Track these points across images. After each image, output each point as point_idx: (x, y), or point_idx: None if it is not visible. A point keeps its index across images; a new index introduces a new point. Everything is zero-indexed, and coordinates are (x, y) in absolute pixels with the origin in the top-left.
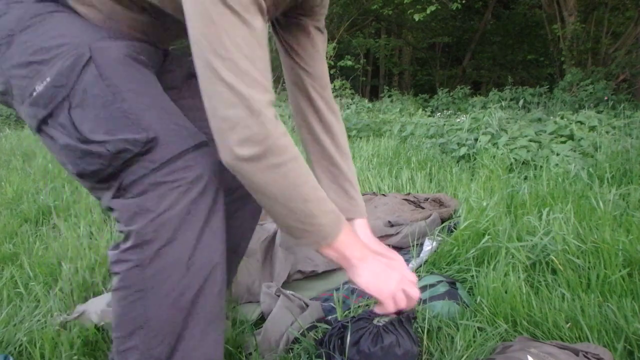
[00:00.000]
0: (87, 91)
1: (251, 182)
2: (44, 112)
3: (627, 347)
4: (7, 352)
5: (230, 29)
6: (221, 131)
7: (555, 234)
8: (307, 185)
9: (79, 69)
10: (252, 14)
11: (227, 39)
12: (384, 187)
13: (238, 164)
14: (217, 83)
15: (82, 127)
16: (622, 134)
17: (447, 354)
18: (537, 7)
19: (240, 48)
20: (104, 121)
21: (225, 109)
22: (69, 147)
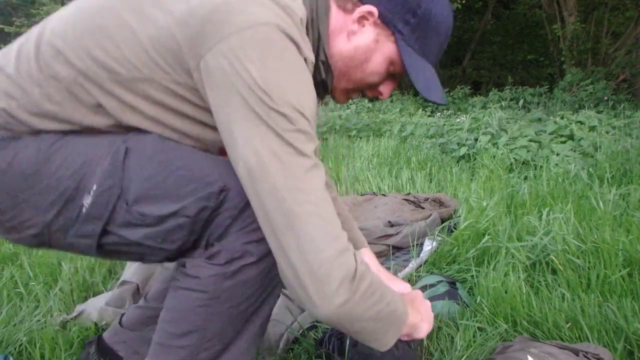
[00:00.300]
0: (139, 177)
1: (352, 320)
2: (101, 222)
3: (627, 347)
4: (7, 352)
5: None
6: (313, 288)
7: (555, 234)
8: (386, 291)
9: (120, 163)
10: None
11: (306, 187)
12: (384, 187)
13: (340, 311)
14: (300, 239)
15: (152, 210)
16: (622, 134)
17: (447, 354)
18: (537, 7)
19: (319, 193)
20: (169, 194)
21: (312, 267)
22: (147, 237)
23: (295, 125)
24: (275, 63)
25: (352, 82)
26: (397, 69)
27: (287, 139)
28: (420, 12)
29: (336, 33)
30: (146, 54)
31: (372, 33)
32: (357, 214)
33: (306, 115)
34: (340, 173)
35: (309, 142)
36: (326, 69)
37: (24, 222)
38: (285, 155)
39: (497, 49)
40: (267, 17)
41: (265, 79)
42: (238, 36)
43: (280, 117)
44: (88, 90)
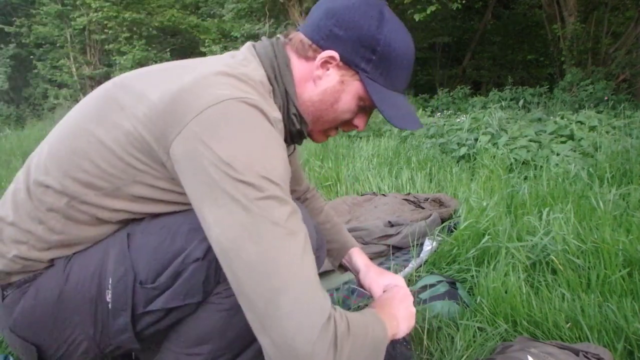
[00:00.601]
0: (145, 252)
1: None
2: (127, 311)
3: (627, 347)
4: (7, 352)
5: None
6: (300, 353)
7: (555, 234)
8: (365, 329)
9: (125, 249)
10: (295, 221)
11: (282, 264)
12: (384, 187)
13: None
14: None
15: (163, 272)
16: (622, 134)
17: (447, 354)
18: (537, 7)
19: (296, 262)
20: (174, 250)
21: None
22: (169, 299)
23: (264, 192)
24: (237, 135)
25: (327, 122)
26: (367, 103)
27: (255, 210)
28: (380, 49)
29: (303, 81)
30: (121, 161)
31: (336, 75)
32: (357, 214)
33: (275, 181)
34: (340, 173)
35: (281, 206)
36: (299, 119)
37: (71, 345)
38: (256, 229)
39: (497, 49)
40: (223, 93)
41: (228, 152)
42: (197, 119)
43: (247, 187)
44: (83, 211)
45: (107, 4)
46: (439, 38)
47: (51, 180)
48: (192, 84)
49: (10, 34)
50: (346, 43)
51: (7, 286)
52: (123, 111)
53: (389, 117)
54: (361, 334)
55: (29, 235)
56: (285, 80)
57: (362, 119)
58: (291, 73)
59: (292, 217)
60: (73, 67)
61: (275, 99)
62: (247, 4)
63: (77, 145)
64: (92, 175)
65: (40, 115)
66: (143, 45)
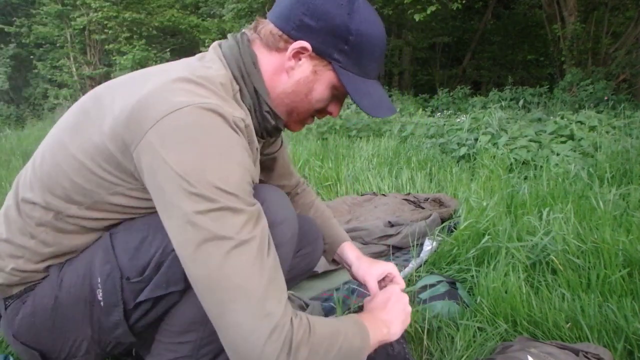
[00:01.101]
0: (128, 249)
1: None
2: (119, 307)
3: (627, 347)
4: (7, 352)
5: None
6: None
7: (555, 234)
8: (334, 338)
9: (110, 248)
10: (252, 227)
11: (234, 275)
12: (384, 187)
13: None
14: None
15: (147, 264)
16: (622, 134)
17: (447, 354)
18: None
19: (244, 273)
20: (155, 244)
21: (247, 341)
22: (154, 289)
23: (217, 204)
24: (192, 144)
25: (302, 113)
26: (341, 91)
27: (203, 226)
28: (352, 38)
29: (276, 73)
30: (95, 176)
31: (309, 65)
32: (357, 214)
33: (229, 190)
34: (340, 173)
35: (235, 216)
36: (273, 116)
37: (72, 347)
38: (204, 245)
39: (497, 49)
40: (179, 100)
41: (182, 164)
42: (153, 129)
43: (200, 199)
44: (70, 222)
45: (107, 4)
46: (439, 38)
47: (36, 197)
48: (150, 94)
49: (10, 34)
50: (318, 33)
51: (8, 298)
52: (93, 125)
53: (363, 107)
54: (326, 343)
55: (24, 250)
56: (254, 79)
57: (335, 106)
58: (259, 71)
59: (247, 225)
60: (73, 67)
61: (243, 99)
62: (247, 4)
63: (56, 161)
64: (70, 191)
65: (40, 115)
66: (143, 45)
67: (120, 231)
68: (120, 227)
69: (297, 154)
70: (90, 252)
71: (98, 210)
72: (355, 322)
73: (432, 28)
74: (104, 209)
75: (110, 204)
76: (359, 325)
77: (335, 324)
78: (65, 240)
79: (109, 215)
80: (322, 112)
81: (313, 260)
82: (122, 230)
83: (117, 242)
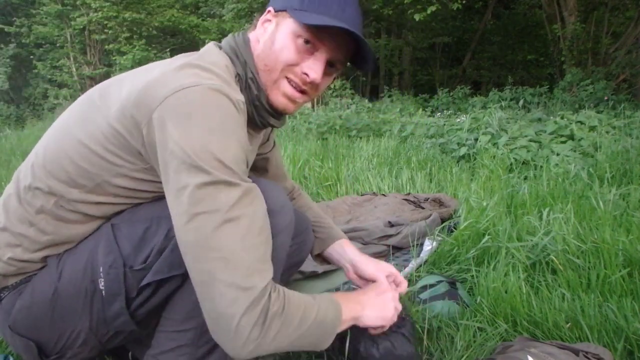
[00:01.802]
0: (132, 238)
1: (269, 351)
2: (121, 295)
3: (627, 347)
4: (7, 352)
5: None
6: (224, 339)
7: (555, 234)
8: (308, 311)
9: (112, 238)
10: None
11: (218, 241)
12: (384, 187)
13: (252, 354)
14: (215, 285)
15: (150, 251)
16: (622, 134)
17: (447, 354)
18: (537, 7)
19: (232, 246)
20: (158, 232)
21: (227, 308)
22: (156, 273)
23: (213, 176)
24: (199, 120)
25: (272, 70)
26: (304, 37)
27: (198, 197)
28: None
29: (254, 46)
30: (100, 159)
31: (273, 25)
32: (357, 214)
33: (227, 164)
34: (340, 173)
35: (229, 190)
36: (256, 84)
37: (69, 339)
38: (198, 216)
39: (497, 49)
40: (187, 81)
41: (187, 138)
42: (163, 105)
43: (198, 171)
44: (70, 209)
45: (107, 4)
46: (439, 38)
47: (38, 182)
48: (159, 77)
49: (10, 34)
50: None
51: (4, 289)
52: (99, 112)
53: (296, 16)
54: (299, 314)
55: (22, 238)
56: (244, 52)
57: (312, 65)
58: (249, 47)
59: (241, 201)
60: (73, 67)
61: (239, 79)
62: (247, 4)
63: (61, 147)
64: (74, 175)
65: (40, 115)
66: (143, 45)
67: (123, 222)
68: (122, 217)
69: (297, 154)
70: (92, 243)
71: (100, 194)
72: (329, 299)
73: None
74: (106, 192)
75: (113, 186)
76: (333, 301)
77: (310, 299)
78: (64, 229)
79: (111, 199)
80: (297, 73)
81: (304, 250)
82: (124, 221)
83: (119, 233)
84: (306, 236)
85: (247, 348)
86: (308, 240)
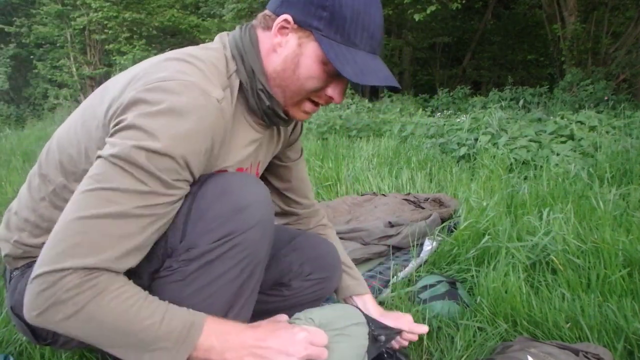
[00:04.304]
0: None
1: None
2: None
3: (627, 347)
4: (8, 352)
5: None
6: (27, 294)
7: (556, 234)
8: (131, 316)
9: None
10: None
11: None
12: (384, 187)
13: (34, 320)
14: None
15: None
16: (622, 134)
17: (447, 354)
18: (537, 7)
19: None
20: None
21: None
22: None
23: (145, 176)
24: (154, 113)
25: (295, 93)
26: (332, 68)
27: (112, 177)
28: (329, 3)
29: (268, 53)
30: (83, 145)
31: (294, 39)
32: (357, 214)
33: (152, 170)
34: (340, 173)
35: (127, 178)
36: (267, 95)
37: None
38: (96, 192)
39: (497, 49)
40: (163, 75)
41: (138, 130)
42: (131, 97)
43: (135, 169)
44: (63, 198)
45: (107, 4)
46: (439, 38)
47: (43, 170)
48: (141, 69)
49: (10, 34)
50: (297, 4)
51: (14, 270)
52: (98, 104)
53: (346, 73)
54: (104, 319)
55: (27, 224)
56: (250, 58)
57: (336, 89)
58: (257, 50)
59: (130, 196)
60: (73, 67)
61: (240, 78)
62: (247, 4)
63: (64, 136)
64: (66, 163)
65: (40, 115)
66: (143, 45)
67: None
68: None
69: None
70: None
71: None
72: (181, 330)
73: (432, 28)
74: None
75: None
76: (185, 334)
77: (153, 315)
78: (57, 217)
79: None
80: (323, 96)
81: (326, 288)
82: None
83: None
84: (333, 273)
85: (31, 314)
86: (334, 277)
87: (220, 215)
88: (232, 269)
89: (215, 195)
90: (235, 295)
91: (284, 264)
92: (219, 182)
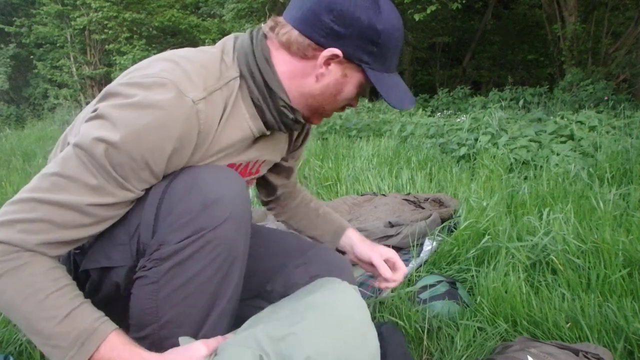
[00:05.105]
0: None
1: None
2: (72, 271)
3: (627, 347)
4: (8, 352)
5: None
6: None
7: (555, 234)
8: (33, 302)
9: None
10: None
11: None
12: (384, 187)
13: None
14: None
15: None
16: (622, 134)
17: (447, 354)
18: (537, 7)
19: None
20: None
21: None
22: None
23: (104, 173)
24: (126, 111)
25: (328, 110)
26: (365, 87)
27: (73, 165)
28: (380, 40)
29: (298, 77)
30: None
31: (339, 70)
32: (357, 214)
33: (131, 157)
34: (340, 173)
35: (84, 169)
36: (291, 110)
37: None
38: (54, 177)
39: (497, 49)
40: (144, 73)
41: (106, 124)
42: (107, 96)
43: (96, 165)
44: None
45: (107, 4)
46: (439, 38)
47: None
48: (133, 68)
49: (11, 34)
50: (348, 40)
51: None
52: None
53: (391, 101)
54: (13, 291)
55: None
56: (265, 74)
57: (356, 99)
58: (272, 66)
59: (95, 197)
60: (73, 67)
61: (251, 94)
62: (247, 4)
63: (68, 132)
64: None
65: (40, 115)
66: (143, 45)
67: None
68: None
69: None
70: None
71: None
72: (80, 334)
73: (432, 28)
74: None
75: None
76: (77, 313)
77: (59, 307)
78: None
79: None
80: (343, 107)
81: None
82: None
83: None
84: (342, 276)
85: None
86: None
87: (190, 210)
88: (207, 268)
89: (186, 189)
90: (213, 296)
91: (294, 277)
92: (190, 174)
